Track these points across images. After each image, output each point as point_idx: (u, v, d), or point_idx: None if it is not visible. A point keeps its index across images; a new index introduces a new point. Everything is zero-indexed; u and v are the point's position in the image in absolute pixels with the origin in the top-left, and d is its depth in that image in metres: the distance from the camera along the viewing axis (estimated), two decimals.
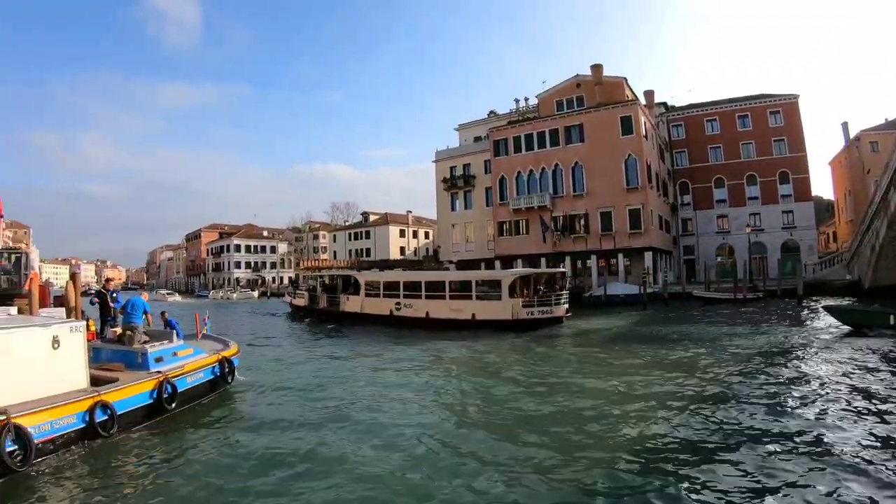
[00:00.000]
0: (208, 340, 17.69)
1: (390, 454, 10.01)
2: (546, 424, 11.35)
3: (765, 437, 9.76)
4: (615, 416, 11.96)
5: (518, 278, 32.14)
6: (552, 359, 20.24)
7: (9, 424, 8.64)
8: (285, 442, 10.94)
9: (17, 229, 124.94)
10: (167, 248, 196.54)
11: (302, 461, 9.72)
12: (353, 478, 8.94)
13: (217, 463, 9.86)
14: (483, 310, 31.74)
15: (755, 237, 55.57)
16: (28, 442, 8.90)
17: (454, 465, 9.46)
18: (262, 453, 10.20)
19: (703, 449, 9.36)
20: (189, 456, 10.28)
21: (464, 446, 10.40)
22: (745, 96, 63.87)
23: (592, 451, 9.64)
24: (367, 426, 11.96)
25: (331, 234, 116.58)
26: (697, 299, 41.91)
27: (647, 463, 8.81)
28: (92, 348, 13.51)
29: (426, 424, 11.98)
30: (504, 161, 58.65)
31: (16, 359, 9.74)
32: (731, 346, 20.49)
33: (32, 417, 9.21)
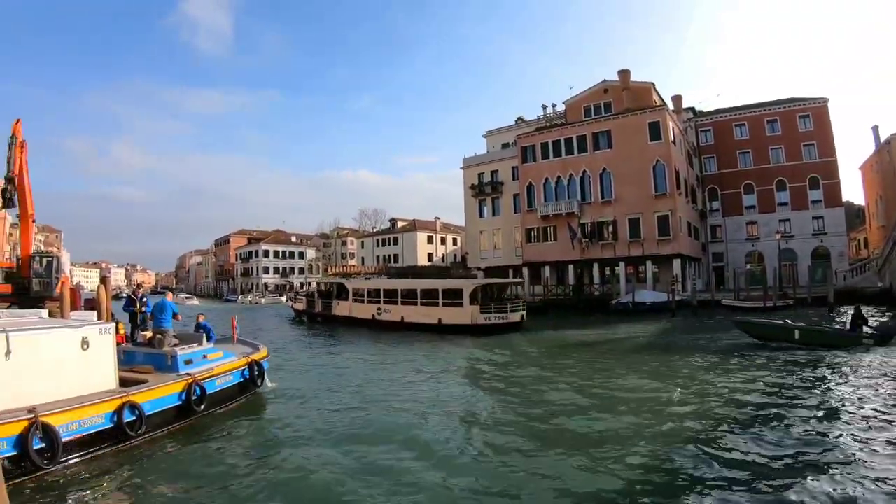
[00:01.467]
0: (238, 344, 18.04)
1: (429, 459, 10.23)
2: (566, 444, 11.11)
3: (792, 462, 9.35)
4: (624, 426, 12.00)
5: (478, 287, 36.41)
6: (561, 372, 19.97)
7: (37, 423, 8.85)
8: (312, 446, 11.17)
9: (49, 233, 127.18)
10: (196, 253, 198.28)
11: (327, 465, 9.91)
12: (385, 482, 9.14)
13: (243, 466, 10.07)
14: (448, 315, 35.96)
15: (785, 244, 55.14)
16: (56, 440, 9.12)
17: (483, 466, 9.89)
18: (289, 457, 10.43)
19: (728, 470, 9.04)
20: (215, 458, 10.58)
21: (494, 450, 10.75)
22: (773, 100, 63.14)
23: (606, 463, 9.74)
24: (395, 429, 12.37)
25: (359, 241, 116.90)
26: (727, 307, 41.63)
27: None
28: (123, 351, 14.05)
29: (448, 429, 12.35)
30: (532, 167, 58.88)
31: (45, 359, 10.04)
32: (759, 358, 20.51)
33: (61, 416, 9.44)
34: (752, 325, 25.50)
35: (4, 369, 9.22)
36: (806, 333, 23.35)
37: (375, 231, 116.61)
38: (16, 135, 27.48)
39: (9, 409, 8.84)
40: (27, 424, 8.77)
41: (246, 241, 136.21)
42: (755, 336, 24.76)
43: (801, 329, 23.65)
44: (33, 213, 29.98)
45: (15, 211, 31.71)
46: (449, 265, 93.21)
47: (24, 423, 8.76)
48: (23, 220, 30.58)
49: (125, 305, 18.10)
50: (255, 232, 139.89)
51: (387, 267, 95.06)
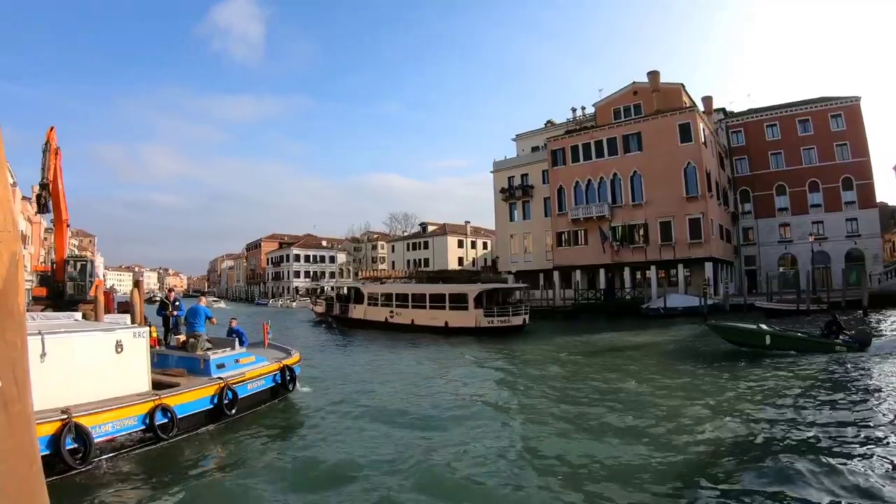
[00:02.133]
0: (271, 349, 18.30)
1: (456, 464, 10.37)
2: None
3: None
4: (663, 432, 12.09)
5: (482, 292, 38.01)
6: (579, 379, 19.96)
7: (70, 424, 9.17)
8: (342, 450, 11.33)
9: (83, 237, 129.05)
10: (228, 257, 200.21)
11: (355, 469, 10.07)
12: (417, 484, 9.33)
13: (273, 470, 10.29)
14: (453, 318, 37.89)
15: (818, 246, 54.33)
16: (88, 441, 9.42)
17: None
18: (318, 461, 10.67)
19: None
20: (246, 462, 10.80)
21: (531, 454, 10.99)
22: (805, 100, 62.26)
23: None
24: (428, 431, 12.66)
25: (389, 245, 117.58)
26: (760, 311, 41.28)
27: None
28: (157, 354, 14.42)
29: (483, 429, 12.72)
30: (562, 171, 58.90)
31: (80, 361, 10.39)
32: (794, 366, 20.25)
33: (94, 418, 9.77)
34: (726, 330, 25.69)
35: (39, 371, 9.24)
36: (776, 338, 23.57)
37: (406, 235, 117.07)
38: (50, 142, 28.00)
39: (43, 409, 8.99)
40: (60, 425, 9.09)
41: (277, 246, 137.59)
42: (729, 340, 25.01)
43: (772, 334, 23.81)
44: (67, 218, 30.46)
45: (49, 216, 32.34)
46: (479, 269, 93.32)
47: (57, 424, 9.07)
48: (57, 224, 31.11)
49: (159, 309, 18.43)
50: (286, 236, 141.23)
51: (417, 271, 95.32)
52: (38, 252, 76.34)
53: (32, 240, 75.07)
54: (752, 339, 24.00)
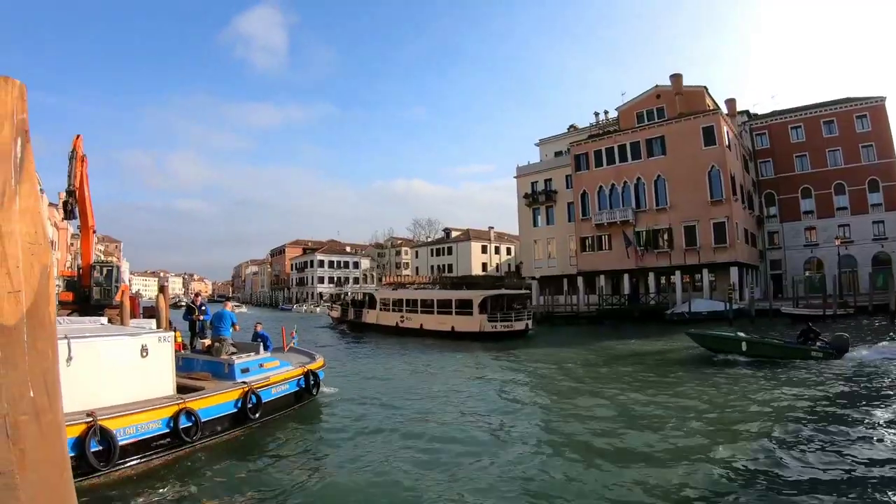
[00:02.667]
0: (295, 353, 18.48)
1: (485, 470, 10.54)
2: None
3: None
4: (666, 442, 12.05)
5: (487, 298, 39.47)
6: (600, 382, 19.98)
7: (95, 426, 9.33)
8: (366, 455, 11.49)
9: (109, 243, 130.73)
10: (252, 263, 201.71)
11: (378, 474, 10.27)
12: (446, 489, 9.55)
13: (294, 474, 10.47)
14: (459, 323, 39.52)
15: (844, 250, 53.71)
16: (113, 444, 9.57)
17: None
18: (342, 466, 10.85)
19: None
20: (268, 465, 11.00)
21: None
22: (829, 101, 61.68)
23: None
24: (451, 435, 12.91)
25: (413, 250, 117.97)
26: (786, 316, 41.06)
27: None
28: (182, 358, 14.63)
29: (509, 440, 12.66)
30: (585, 175, 58.90)
31: (105, 365, 10.52)
32: (825, 369, 20.58)
33: (118, 421, 9.91)
34: (703, 337, 26.13)
35: (65, 374, 9.62)
36: (752, 345, 24.10)
37: (429, 241, 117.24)
38: (76, 149, 28.47)
39: (68, 412, 8.81)
40: (85, 428, 9.26)
41: (301, 252, 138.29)
42: (706, 347, 25.59)
43: (748, 341, 24.35)
44: (93, 224, 30.93)
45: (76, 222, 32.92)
46: (503, 275, 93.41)
47: (82, 427, 9.24)
48: (83, 230, 31.58)
49: (185, 314, 18.63)
50: (309, 242, 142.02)
51: (440, 277, 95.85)
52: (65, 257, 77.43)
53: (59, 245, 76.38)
54: (729, 347, 24.58)
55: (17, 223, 1.62)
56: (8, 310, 1.58)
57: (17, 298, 1.61)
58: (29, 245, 1.67)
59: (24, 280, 1.64)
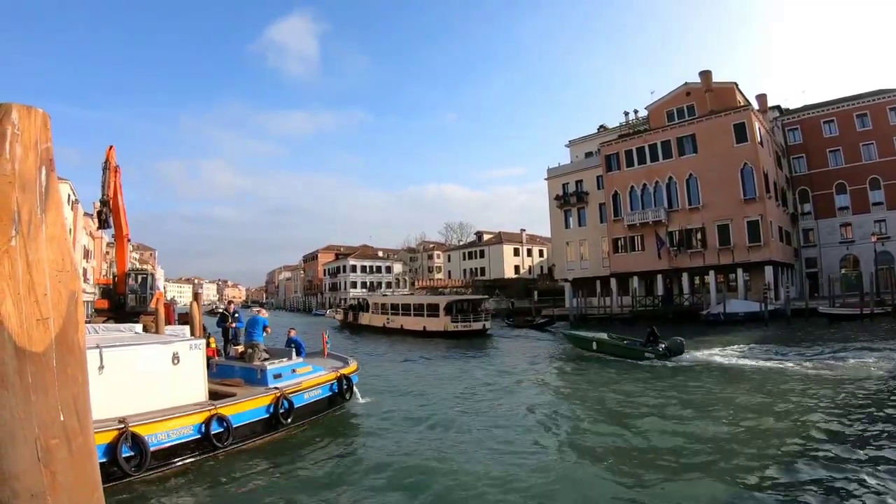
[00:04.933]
0: (329, 358, 18.60)
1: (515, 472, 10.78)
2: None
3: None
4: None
5: (451, 302, 46.81)
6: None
7: (126, 433, 9.61)
8: (400, 460, 11.56)
9: (143, 251, 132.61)
10: (286, 269, 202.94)
11: (413, 481, 10.32)
12: (480, 489, 9.77)
13: (326, 479, 10.61)
14: (429, 324, 46.01)
15: (881, 246, 52.40)
16: (144, 449, 9.84)
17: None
18: (374, 470, 10.93)
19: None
20: (300, 470, 11.14)
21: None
22: (861, 93, 60.40)
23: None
24: (480, 435, 13.35)
25: (445, 254, 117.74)
26: (823, 316, 40.58)
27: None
28: (216, 365, 15.08)
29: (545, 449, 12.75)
30: (616, 176, 58.68)
31: (137, 372, 10.82)
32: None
33: (150, 427, 10.19)
34: (569, 337, 32.11)
35: (97, 382, 9.35)
36: (601, 344, 28.28)
37: (461, 244, 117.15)
38: (109, 160, 29.06)
39: (101, 419, 9.21)
40: (117, 434, 9.56)
41: (333, 257, 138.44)
42: (574, 345, 30.74)
43: (598, 340, 28.55)
44: (128, 232, 31.60)
45: (111, 231, 33.55)
46: (535, 277, 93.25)
47: (114, 433, 9.53)
48: (118, 239, 32.30)
49: (219, 321, 18.82)
50: (342, 247, 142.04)
51: (473, 280, 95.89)
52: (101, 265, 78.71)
53: (94, 254, 77.64)
54: (585, 345, 29.29)
55: (44, 251, 1.74)
56: (37, 337, 1.69)
57: (46, 325, 1.73)
58: (57, 273, 1.78)
59: (52, 307, 1.75)
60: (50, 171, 1.80)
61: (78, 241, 63.48)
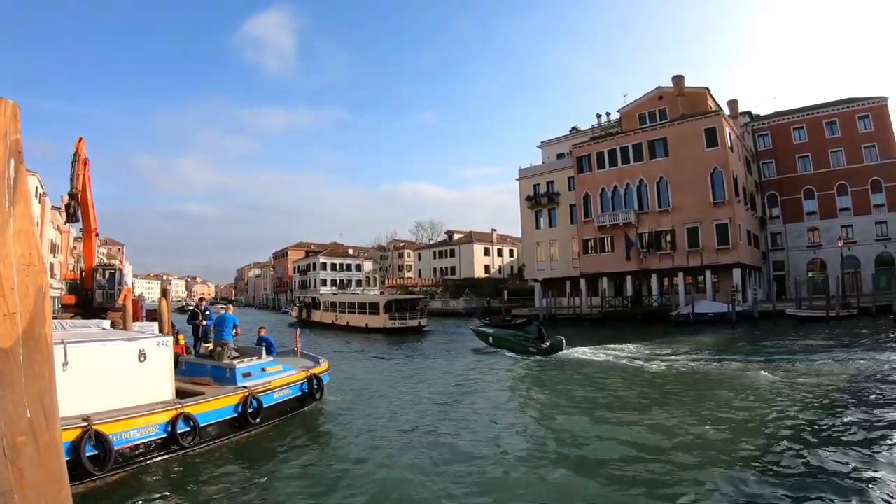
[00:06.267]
0: (301, 357, 18.37)
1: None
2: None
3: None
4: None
5: (390, 301, 50.73)
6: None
7: (90, 431, 9.33)
8: (368, 461, 11.32)
9: (112, 246, 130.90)
10: (255, 266, 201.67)
11: (377, 477, 10.23)
12: (444, 486, 9.68)
13: (294, 478, 10.43)
14: (370, 321, 49.22)
15: (847, 251, 53.43)
16: (108, 448, 9.56)
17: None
18: (343, 472, 10.68)
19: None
20: (268, 471, 10.89)
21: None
22: (831, 101, 61.65)
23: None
24: (451, 443, 12.77)
25: (415, 253, 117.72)
26: (790, 318, 40.96)
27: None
28: (185, 363, 14.81)
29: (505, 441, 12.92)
30: (587, 177, 58.87)
31: (102, 370, 10.52)
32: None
33: (114, 425, 9.90)
34: (475, 332, 34.92)
35: (61, 379, 9.58)
36: (496, 339, 31.63)
37: (432, 243, 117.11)
38: (79, 152, 28.48)
39: (64, 416, 9.20)
40: (80, 432, 9.25)
41: (304, 254, 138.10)
42: (480, 339, 33.23)
43: (493, 335, 32.20)
44: (96, 227, 30.99)
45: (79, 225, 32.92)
46: (506, 277, 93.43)
47: (77, 431, 9.23)
48: (86, 234, 31.59)
49: (189, 318, 18.55)
50: (312, 245, 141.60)
51: (443, 279, 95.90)
52: (68, 260, 77.56)
53: (62, 248, 76.44)
54: (485, 339, 32.46)
55: (11, 245, 1.62)
56: (4, 332, 1.58)
57: (13, 321, 1.61)
58: (24, 267, 1.66)
59: (19, 302, 1.63)
60: (19, 163, 1.78)
61: (45, 235, 62.52)
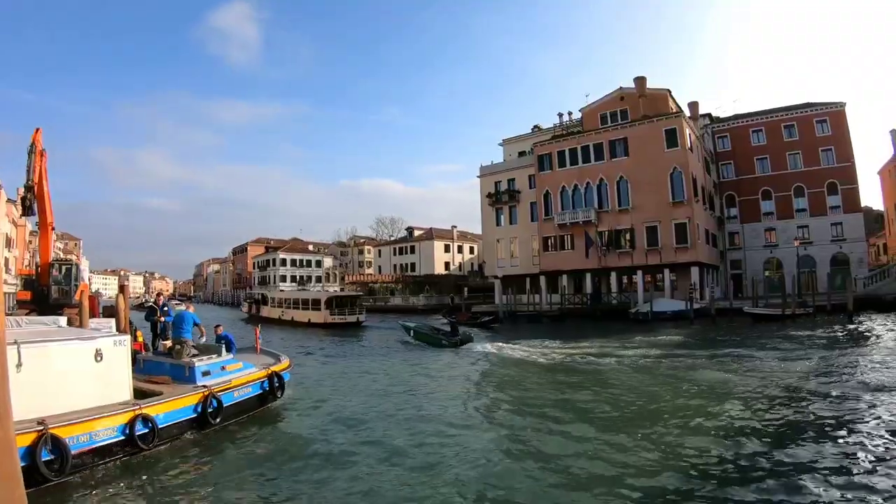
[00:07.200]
0: (261, 354, 18.13)
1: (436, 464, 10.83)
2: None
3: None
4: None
5: (331, 298, 54.04)
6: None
7: (46, 435, 8.94)
8: (328, 459, 11.23)
9: (68, 241, 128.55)
10: (214, 262, 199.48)
11: (343, 479, 9.99)
12: (395, 486, 9.56)
13: (256, 479, 10.18)
14: (313, 316, 52.45)
15: (803, 250, 54.27)
16: (65, 452, 9.18)
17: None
18: (304, 470, 10.52)
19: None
20: (228, 472, 10.60)
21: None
22: (790, 105, 62.32)
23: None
24: (411, 433, 12.99)
25: (376, 249, 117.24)
26: (746, 315, 41.32)
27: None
28: (143, 361, 14.39)
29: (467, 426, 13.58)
30: (548, 176, 58.88)
31: (57, 371, 10.14)
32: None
33: (70, 429, 9.52)
34: (402, 326, 37.14)
35: (15, 381, 9.26)
36: (416, 333, 34.15)
37: (392, 240, 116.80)
38: (36, 143, 27.80)
39: (19, 420, 8.68)
40: (36, 436, 8.88)
41: (263, 250, 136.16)
42: (405, 333, 35.61)
43: (414, 329, 34.67)
44: (52, 220, 30.29)
45: (35, 219, 32.14)
46: (466, 274, 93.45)
47: (33, 435, 8.86)
48: (42, 227, 30.90)
49: (147, 315, 18.21)
50: (272, 240, 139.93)
51: (403, 276, 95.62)
52: (23, 255, 75.86)
53: (17, 243, 74.63)
54: (408, 332, 34.91)
55: None
56: None
57: None
58: None
59: None
60: None
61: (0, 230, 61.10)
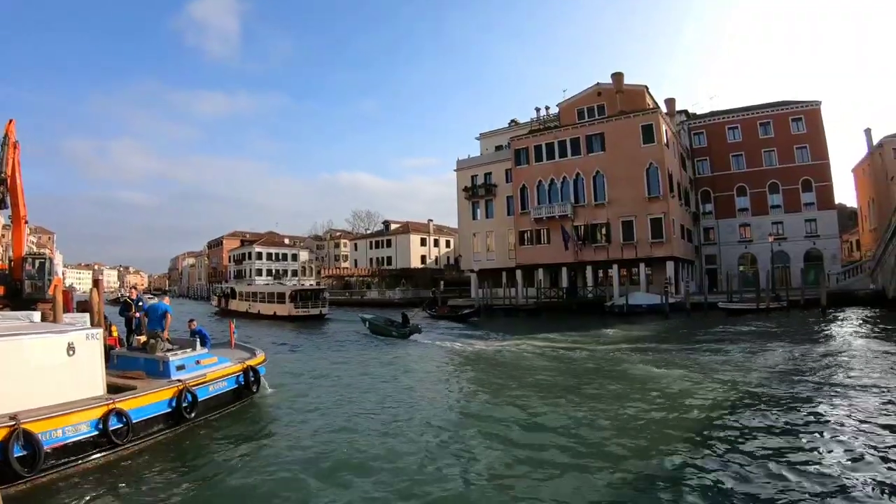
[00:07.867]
0: (236, 349, 17.98)
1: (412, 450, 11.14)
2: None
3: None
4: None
5: (294, 291, 55.35)
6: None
7: (18, 430, 8.76)
8: (304, 451, 11.22)
9: (42, 234, 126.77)
10: (189, 255, 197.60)
11: (319, 475, 9.89)
12: (372, 483, 9.42)
13: (231, 474, 10.05)
14: (278, 309, 54.02)
15: (778, 246, 54.83)
16: (37, 448, 8.99)
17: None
18: (281, 466, 10.38)
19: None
20: (203, 467, 10.54)
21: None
22: (766, 103, 62.84)
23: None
24: (383, 424, 13.20)
25: (352, 243, 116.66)
26: (721, 310, 41.48)
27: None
28: (116, 356, 14.08)
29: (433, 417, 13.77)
30: (525, 170, 58.89)
31: (29, 365, 9.92)
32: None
33: (43, 424, 9.30)
34: (362, 319, 38.36)
35: None
36: (370, 325, 36.23)
37: (368, 233, 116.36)
38: (8, 135, 27.27)
39: None
40: (8, 432, 8.68)
41: (239, 243, 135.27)
42: (364, 324, 37.36)
43: (369, 321, 36.85)
44: (25, 214, 29.66)
45: (7, 212, 31.54)
46: (442, 267, 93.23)
47: (4, 431, 8.66)
48: (15, 221, 30.23)
49: (121, 310, 17.87)
50: (248, 234, 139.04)
51: (379, 269, 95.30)
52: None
53: None
54: (364, 323, 37.06)
55: None
56: None
57: None
58: None
59: None
60: None
61: None
